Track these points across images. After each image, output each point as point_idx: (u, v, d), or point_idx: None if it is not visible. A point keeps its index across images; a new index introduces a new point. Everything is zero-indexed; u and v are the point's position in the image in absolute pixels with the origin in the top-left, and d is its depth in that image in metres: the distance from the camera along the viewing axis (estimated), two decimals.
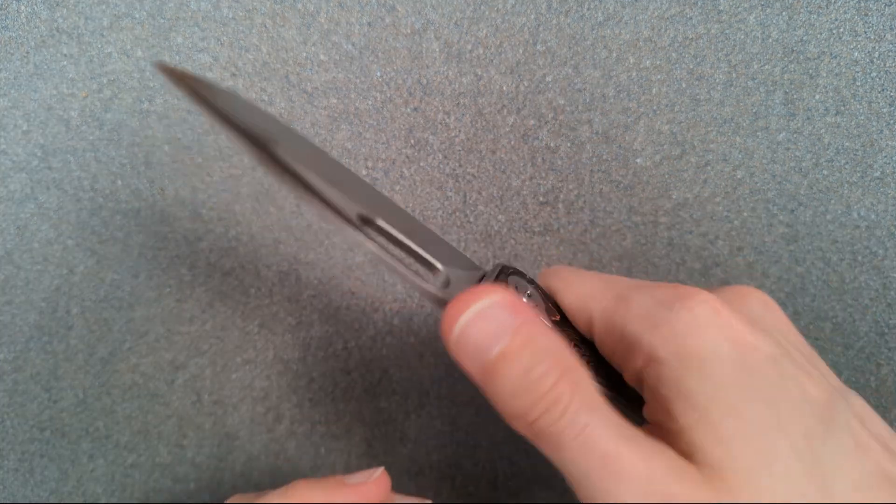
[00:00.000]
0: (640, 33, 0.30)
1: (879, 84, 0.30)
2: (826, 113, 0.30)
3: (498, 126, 0.30)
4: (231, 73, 0.30)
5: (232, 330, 0.30)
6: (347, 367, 0.30)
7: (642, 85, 0.30)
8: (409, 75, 0.30)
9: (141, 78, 0.30)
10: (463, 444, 0.30)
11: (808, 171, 0.30)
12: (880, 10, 0.30)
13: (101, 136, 0.30)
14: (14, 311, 0.30)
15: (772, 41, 0.30)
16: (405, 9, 0.30)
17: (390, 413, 0.30)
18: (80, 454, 0.30)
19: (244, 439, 0.30)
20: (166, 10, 0.30)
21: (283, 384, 0.30)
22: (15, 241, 0.30)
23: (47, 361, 0.30)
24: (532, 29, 0.30)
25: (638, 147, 0.30)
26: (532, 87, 0.30)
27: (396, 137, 0.30)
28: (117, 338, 0.30)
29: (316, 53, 0.30)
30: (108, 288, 0.30)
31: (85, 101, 0.30)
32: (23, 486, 0.30)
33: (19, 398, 0.30)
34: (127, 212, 0.30)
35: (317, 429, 0.30)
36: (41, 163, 0.30)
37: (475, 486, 0.30)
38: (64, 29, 0.31)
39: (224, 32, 0.30)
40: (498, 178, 0.30)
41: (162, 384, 0.30)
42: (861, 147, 0.30)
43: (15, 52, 0.30)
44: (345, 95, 0.30)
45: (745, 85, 0.30)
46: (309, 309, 0.30)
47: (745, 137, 0.30)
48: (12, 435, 0.30)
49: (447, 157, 0.30)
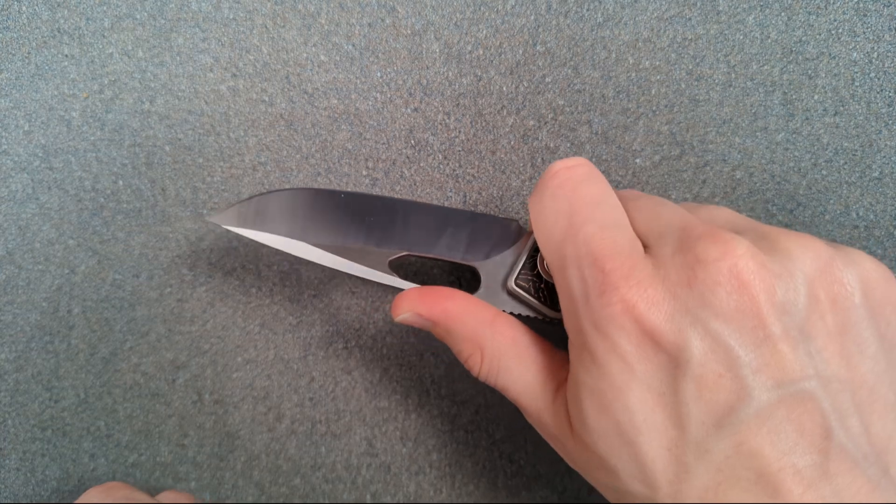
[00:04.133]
0: (639, 34, 0.30)
1: (878, 85, 0.30)
2: (825, 113, 0.30)
3: (498, 126, 0.30)
4: (232, 74, 0.30)
5: (233, 329, 0.30)
6: (348, 367, 0.30)
7: (641, 86, 0.30)
8: (410, 76, 0.30)
9: (142, 79, 0.31)
10: (463, 443, 0.30)
11: (806, 171, 0.30)
12: (879, 10, 0.30)
13: (103, 137, 0.30)
14: (16, 311, 0.30)
15: (770, 42, 0.30)
16: (405, 10, 0.30)
17: (391, 412, 0.30)
18: (82, 453, 0.30)
19: (245, 438, 0.30)
20: (167, 11, 0.31)
21: (284, 383, 0.30)
22: (16, 242, 0.30)
23: (49, 361, 0.30)
24: (532, 30, 0.30)
25: (637, 147, 0.30)
26: (532, 88, 0.30)
27: (397, 138, 0.30)
28: (119, 337, 0.30)
29: (316, 54, 0.30)
30: (109, 288, 0.30)
31: (86, 101, 0.31)
32: (24, 486, 0.30)
33: (21, 398, 0.30)
34: (128, 212, 0.30)
35: (317, 428, 0.30)
36: (42, 163, 0.30)
37: (475, 485, 0.30)
38: (65, 30, 0.31)
39: (225, 33, 0.31)
40: (498, 178, 0.30)
41: (163, 383, 0.30)
42: (860, 147, 0.30)
43: (16, 52, 0.31)
44: (345, 96, 0.30)
45: (744, 85, 0.30)
46: (310, 309, 0.30)
47: (743, 138, 0.30)
48: (14, 434, 0.30)
49: (447, 158, 0.30)
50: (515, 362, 0.22)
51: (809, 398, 0.16)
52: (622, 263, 0.18)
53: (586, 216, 0.20)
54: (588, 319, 0.18)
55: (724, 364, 0.17)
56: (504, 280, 0.24)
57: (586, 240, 0.19)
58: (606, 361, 0.18)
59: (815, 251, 0.18)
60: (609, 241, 0.19)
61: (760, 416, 0.16)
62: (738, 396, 0.16)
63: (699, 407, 0.17)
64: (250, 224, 0.24)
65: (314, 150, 0.30)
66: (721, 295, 0.17)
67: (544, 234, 0.21)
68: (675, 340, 0.17)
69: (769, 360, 0.17)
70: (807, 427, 0.16)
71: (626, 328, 0.18)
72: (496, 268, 0.24)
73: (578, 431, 0.19)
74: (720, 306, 0.17)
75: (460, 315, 0.22)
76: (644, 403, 0.17)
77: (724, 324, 0.17)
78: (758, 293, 0.17)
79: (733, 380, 0.17)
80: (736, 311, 0.17)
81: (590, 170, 0.21)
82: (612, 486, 0.19)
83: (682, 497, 0.17)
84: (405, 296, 0.23)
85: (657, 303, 0.17)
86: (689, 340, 0.17)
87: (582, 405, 0.19)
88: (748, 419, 0.16)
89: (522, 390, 0.22)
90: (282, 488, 0.30)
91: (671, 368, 0.17)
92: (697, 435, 0.17)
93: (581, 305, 0.19)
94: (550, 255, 0.20)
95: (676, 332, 0.17)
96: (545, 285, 0.23)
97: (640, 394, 0.17)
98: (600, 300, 0.18)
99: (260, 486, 0.30)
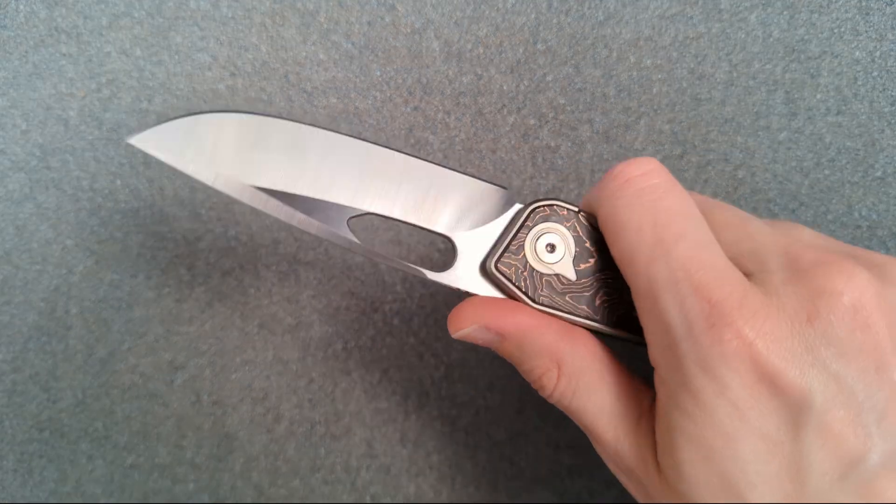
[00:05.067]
0: (640, 32, 0.30)
1: (881, 83, 0.30)
2: (827, 112, 0.30)
3: (498, 125, 0.30)
4: (230, 73, 0.30)
5: (231, 330, 0.30)
6: (347, 368, 0.30)
7: (643, 84, 0.30)
8: (409, 74, 0.30)
9: (140, 77, 0.30)
10: (463, 444, 0.30)
11: (809, 170, 0.30)
12: (882, 9, 0.30)
13: (100, 136, 0.30)
14: (13, 312, 0.30)
15: (773, 40, 0.30)
16: (405, 8, 0.30)
17: (390, 414, 0.30)
18: (79, 455, 0.30)
19: (243, 440, 0.30)
20: (165, 10, 0.30)
21: (283, 384, 0.30)
22: (13, 241, 0.30)
23: (46, 362, 0.30)
24: (532, 28, 0.30)
25: (639, 146, 0.30)
26: (532, 87, 0.30)
27: (396, 136, 0.30)
28: (116, 338, 0.30)
29: (315, 52, 0.30)
30: (106, 288, 0.30)
31: (84, 100, 0.30)
32: (21, 487, 0.30)
33: (18, 399, 0.30)
34: (126, 211, 0.30)
35: (316, 429, 0.30)
36: (40, 162, 0.30)
37: (475, 487, 0.29)
38: (62, 28, 0.30)
39: (223, 31, 0.30)
40: (498, 177, 0.30)
41: (161, 385, 0.30)
42: (863, 147, 0.30)
43: (13, 51, 0.30)
44: (344, 94, 0.30)
45: (747, 84, 0.30)
46: (308, 309, 0.30)
47: (746, 137, 0.30)
48: (11, 435, 0.30)
49: (447, 157, 0.30)
50: (597, 381, 0.19)
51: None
52: (731, 292, 0.16)
53: (677, 232, 0.17)
54: (692, 357, 0.16)
55: (848, 410, 0.15)
56: (483, 260, 0.21)
57: (682, 262, 0.17)
58: (714, 406, 0.16)
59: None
60: (709, 264, 0.17)
61: (887, 465, 0.15)
62: (865, 445, 0.15)
63: (822, 457, 0.15)
64: (178, 152, 0.19)
65: None
66: (844, 332, 0.15)
67: (626, 251, 0.18)
68: (797, 384, 0.15)
69: (892, 405, 0.16)
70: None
71: (740, 370, 0.15)
72: (475, 243, 0.21)
73: (671, 479, 0.17)
74: (843, 345, 0.15)
75: (537, 327, 0.20)
76: (758, 454, 0.16)
77: (847, 364, 0.15)
78: (881, 330, 0.15)
79: (858, 427, 0.15)
80: (859, 351, 0.15)
81: (668, 176, 0.19)
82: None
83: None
84: (468, 307, 0.20)
85: (777, 340, 0.16)
86: (812, 383, 0.15)
87: (678, 452, 0.17)
88: (875, 468, 0.15)
89: (600, 414, 0.19)
90: (280, 490, 0.30)
91: (791, 415, 0.15)
92: (819, 489, 0.15)
93: (682, 340, 0.16)
94: (634, 276, 0.18)
95: (798, 374, 0.15)
96: (528, 272, 0.20)
97: (753, 443, 0.16)
98: (709, 336, 0.16)
99: (258, 488, 0.30)
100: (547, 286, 0.20)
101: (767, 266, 0.17)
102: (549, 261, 0.20)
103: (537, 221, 0.21)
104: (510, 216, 0.21)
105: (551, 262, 0.20)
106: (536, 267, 0.20)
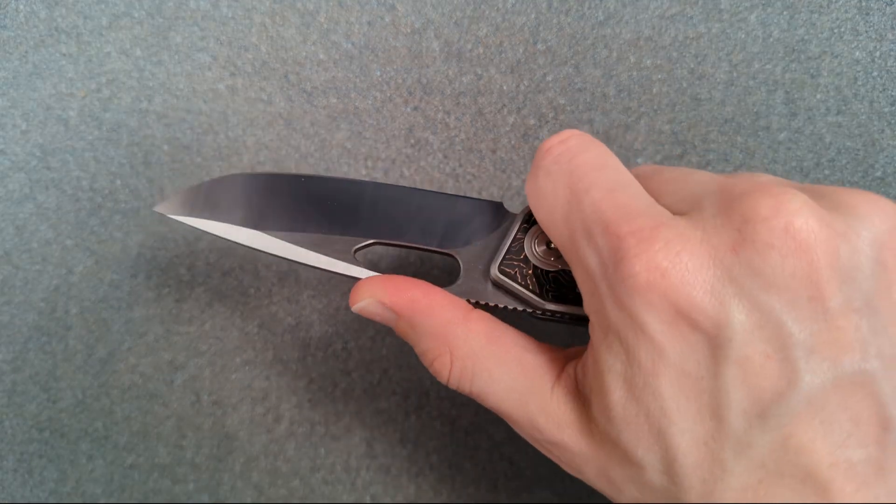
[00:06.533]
0: (640, 32, 0.30)
1: (881, 83, 0.30)
2: (827, 112, 0.30)
3: (498, 125, 0.30)
4: (230, 73, 0.30)
5: (231, 330, 0.30)
6: (347, 368, 0.30)
7: (643, 84, 0.30)
8: (409, 74, 0.30)
9: (140, 77, 0.30)
10: (463, 445, 0.30)
11: (809, 170, 0.30)
12: (881, 9, 0.30)
13: (100, 136, 0.30)
14: (13, 312, 0.30)
15: (773, 40, 0.30)
16: (405, 8, 0.30)
17: (390, 414, 0.30)
18: (79, 455, 0.30)
19: (243, 440, 0.30)
20: (165, 9, 0.30)
21: (283, 385, 0.30)
22: (13, 242, 0.30)
23: (46, 362, 0.30)
24: (532, 28, 0.30)
25: (639, 147, 0.30)
26: (532, 87, 0.30)
27: (396, 137, 0.30)
28: (116, 338, 0.30)
29: (315, 52, 0.30)
30: (106, 288, 0.30)
31: (84, 100, 0.30)
32: (21, 487, 0.30)
33: (18, 399, 0.30)
34: (126, 211, 0.30)
35: (316, 429, 0.30)
36: (40, 162, 0.30)
37: (476, 487, 0.29)
38: (63, 28, 0.30)
39: (223, 31, 0.30)
40: (498, 177, 0.30)
41: (161, 385, 0.30)
42: (862, 147, 0.30)
43: (13, 51, 0.30)
44: (344, 94, 0.30)
45: (747, 84, 0.30)
46: (308, 309, 0.30)
47: (746, 137, 0.30)
48: (11, 435, 0.30)
49: (447, 157, 0.30)
50: (494, 364, 0.19)
51: (869, 382, 0.14)
52: (641, 225, 0.16)
53: (589, 182, 0.17)
54: (608, 296, 0.16)
55: (773, 343, 0.14)
56: (486, 268, 0.21)
57: (594, 205, 0.17)
58: (634, 344, 0.15)
59: (884, 210, 0.15)
60: (621, 203, 0.16)
61: (812, 404, 0.14)
62: (788, 382, 0.14)
63: (742, 394, 0.14)
64: (199, 212, 0.22)
65: (313, 149, 0.30)
66: (773, 260, 0.14)
67: (546, 214, 0.18)
68: (715, 316, 0.14)
69: (826, 338, 0.14)
70: (863, 416, 0.14)
71: (655, 303, 0.15)
72: (478, 255, 0.21)
73: (602, 425, 0.17)
74: (772, 274, 0.14)
75: (430, 307, 0.19)
76: (677, 390, 0.15)
77: (776, 295, 0.14)
78: (818, 257, 0.14)
79: (783, 362, 0.14)
80: (790, 279, 0.14)
81: (585, 138, 0.19)
82: (635, 482, 0.17)
83: (715, 497, 0.15)
84: (366, 282, 0.20)
85: (693, 270, 0.15)
86: (733, 315, 0.14)
87: (609, 394, 0.16)
88: (798, 408, 0.14)
89: (505, 396, 0.19)
90: (280, 490, 0.30)
91: (710, 349, 0.15)
92: (738, 427, 0.15)
93: (599, 281, 0.16)
94: (558, 235, 0.18)
95: (717, 305, 0.14)
96: (533, 271, 0.21)
97: (672, 378, 0.15)
98: (620, 270, 0.15)
99: (258, 488, 0.30)
100: (555, 282, 0.20)
101: (701, 204, 0.16)
102: (552, 258, 0.21)
103: (534, 222, 0.21)
104: (507, 225, 0.22)
105: (554, 260, 0.21)
106: (541, 266, 0.21)
